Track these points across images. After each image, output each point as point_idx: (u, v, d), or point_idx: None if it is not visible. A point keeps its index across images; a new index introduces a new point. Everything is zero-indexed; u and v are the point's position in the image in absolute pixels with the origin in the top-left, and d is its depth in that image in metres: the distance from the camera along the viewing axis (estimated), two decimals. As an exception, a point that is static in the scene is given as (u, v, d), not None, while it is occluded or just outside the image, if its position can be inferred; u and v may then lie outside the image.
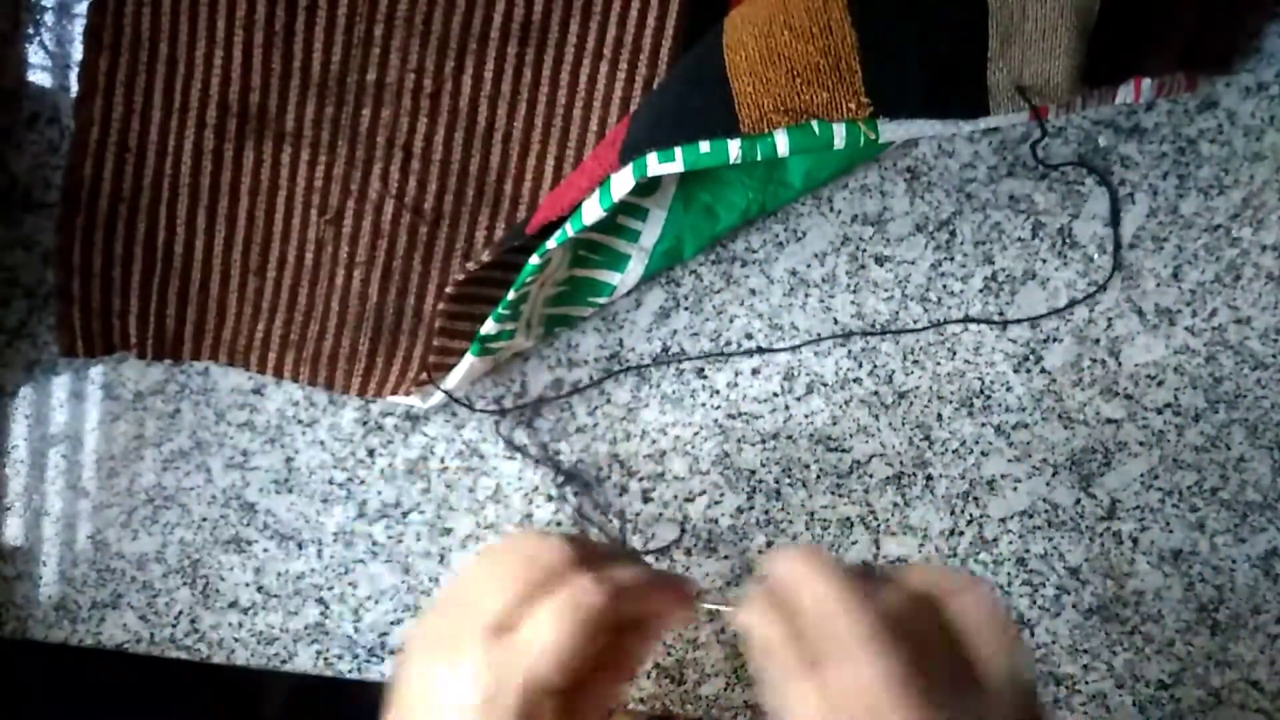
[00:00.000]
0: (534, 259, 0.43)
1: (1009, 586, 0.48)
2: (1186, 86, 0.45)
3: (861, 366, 0.48)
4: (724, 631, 0.49)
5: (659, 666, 0.50)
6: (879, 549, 0.49)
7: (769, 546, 0.49)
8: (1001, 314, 0.47)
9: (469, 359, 0.46)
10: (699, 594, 0.37)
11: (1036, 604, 0.48)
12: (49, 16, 0.48)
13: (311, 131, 0.48)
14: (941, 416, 0.48)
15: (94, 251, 0.48)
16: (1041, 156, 0.46)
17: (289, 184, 0.48)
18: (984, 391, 0.48)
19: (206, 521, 0.51)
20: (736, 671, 0.50)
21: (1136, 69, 0.42)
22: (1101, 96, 0.44)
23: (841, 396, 0.48)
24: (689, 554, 0.49)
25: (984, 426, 0.48)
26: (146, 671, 0.55)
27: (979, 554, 0.48)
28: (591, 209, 0.42)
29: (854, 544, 0.49)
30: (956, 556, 0.48)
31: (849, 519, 0.49)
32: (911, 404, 0.48)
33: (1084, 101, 0.44)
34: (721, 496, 0.49)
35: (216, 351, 0.49)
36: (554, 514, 0.49)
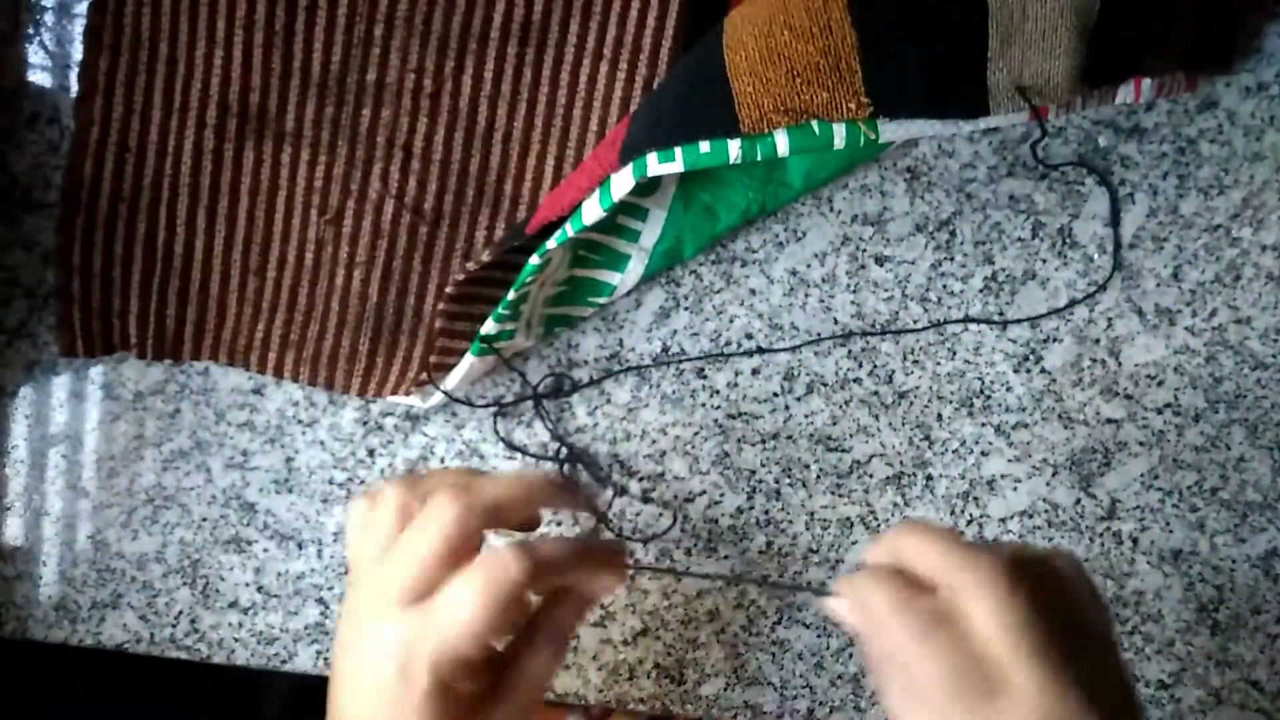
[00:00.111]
0: (534, 259, 0.43)
1: (1009, 586, 0.48)
2: (1186, 86, 0.45)
3: (861, 366, 0.48)
4: (724, 631, 0.49)
5: (659, 666, 0.50)
6: (879, 549, 0.49)
7: (769, 546, 0.49)
8: (1001, 314, 0.47)
9: (469, 359, 0.46)
10: (634, 561, 0.37)
11: (1036, 604, 0.48)
12: (49, 16, 0.48)
13: (311, 131, 0.48)
14: (941, 416, 0.48)
15: (94, 251, 0.48)
16: (1041, 156, 0.46)
17: (289, 184, 0.48)
18: (984, 391, 0.48)
19: (206, 521, 0.51)
20: (736, 671, 0.50)
21: (1136, 69, 0.42)
22: (1101, 96, 0.44)
23: (841, 396, 0.48)
24: (689, 554, 0.49)
25: (984, 426, 0.48)
26: (146, 671, 0.55)
27: (979, 554, 0.48)
28: (591, 209, 0.42)
29: (854, 544, 0.49)
30: (956, 556, 0.48)
31: (849, 519, 0.49)
32: (911, 404, 0.48)
33: (1084, 101, 0.44)
34: (721, 496, 0.49)
35: (216, 351, 0.49)
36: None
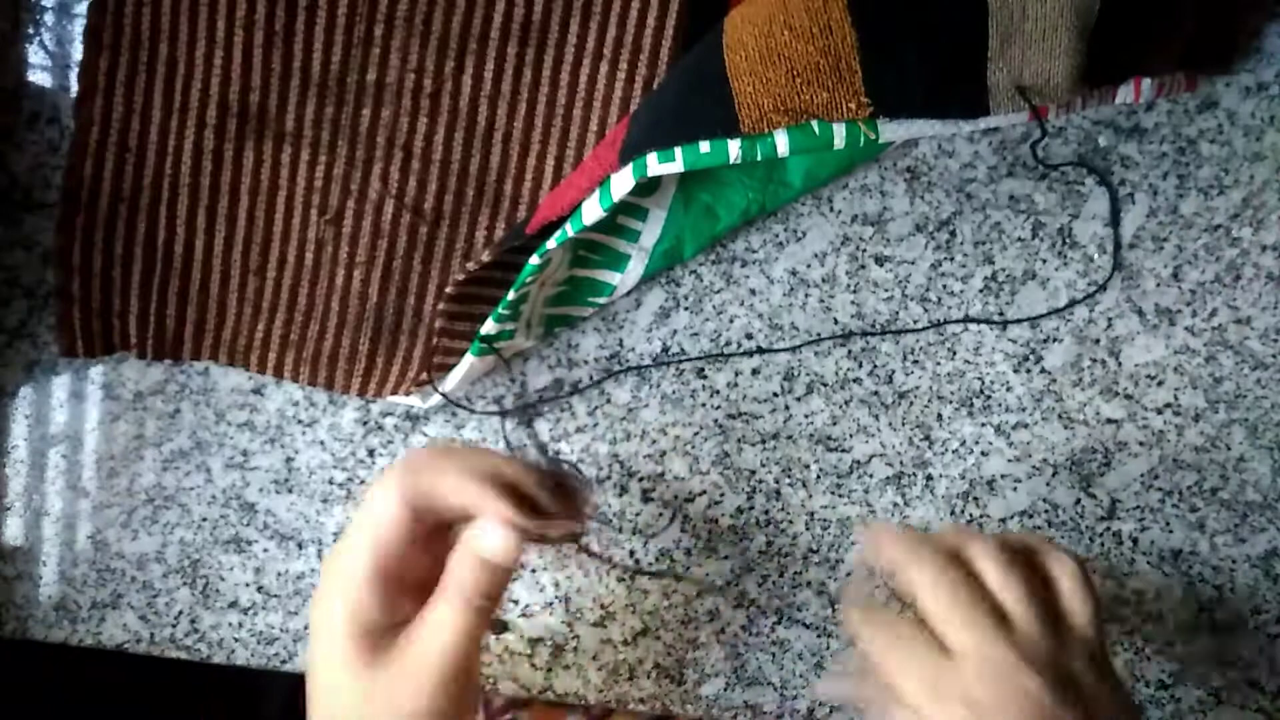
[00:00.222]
0: (534, 259, 0.43)
1: (1009, 586, 0.48)
2: (1186, 86, 0.45)
3: (861, 366, 0.48)
4: (724, 631, 0.49)
5: (659, 666, 0.50)
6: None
7: (769, 546, 0.49)
8: (1001, 314, 0.47)
9: (469, 359, 0.46)
10: (584, 539, 0.39)
11: (1036, 604, 0.48)
12: (49, 16, 0.48)
13: (311, 131, 0.48)
14: (941, 416, 0.48)
15: (94, 251, 0.48)
16: (1041, 156, 0.46)
17: (289, 184, 0.48)
18: (984, 391, 0.48)
19: (206, 521, 0.51)
20: (736, 671, 0.50)
21: (1136, 69, 0.42)
22: (1101, 96, 0.44)
23: (841, 396, 0.48)
24: (689, 554, 0.49)
25: (984, 426, 0.48)
26: (146, 671, 0.55)
27: (979, 554, 0.48)
28: (591, 209, 0.42)
29: (854, 544, 0.49)
30: (956, 556, 0.48)
31: (849, 519, 0.49)
32: (911, 404, 0.48)
33: (1084, 101, 0.44)
34: (721, 496, 0.49)
35: (216, 351, 0.49)
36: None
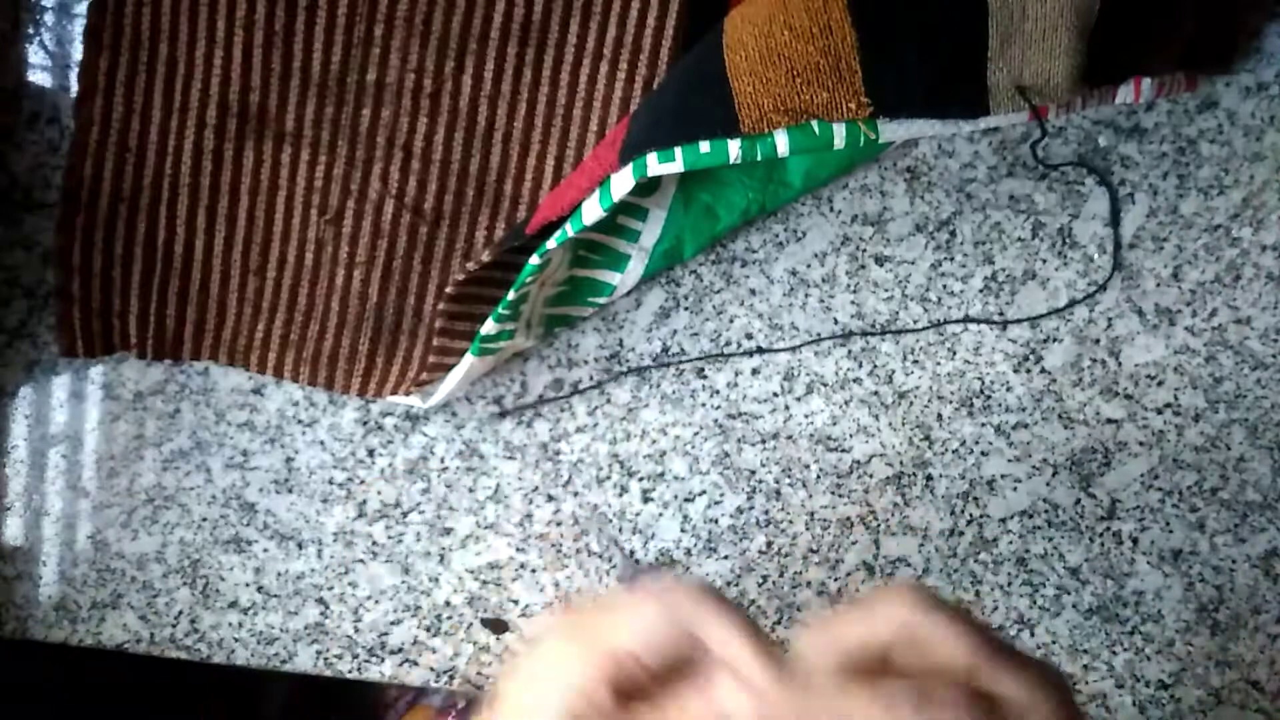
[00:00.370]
0: (534, 259, 0.43)
1: (1009, 586, 0.48)
2: (1186, 86, 0.45)
3: (861, 366, 0.48)
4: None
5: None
6: (879, 549, 0.49)
7: (769, 546, 0.49)
8: (1001, 314, 0.47)
9: (469, 359, 0.46)
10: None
11: (1036, 604, 0.48)
12: (49, 16, 0.48)
13: (311, 131, 0.48)
14: (941, 416, 0.48)
15: (94, 251, 0.48)
16: (1041, 156, 0.46)
17: (289, 184, 0.48)
18: (984, 391, 0.48)
19: (206, 521, 0.51)
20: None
21: (1136, 69, 0.42)
22: (1101, 96, 0.44)
23: (841, 396, 0.48)
24: (689, 554, 0.49)
25: (984, 426, 0.48)
26: (146, 671, 0.55)
27: (979, 554, 0.48)
28: (591, 209, 0.42)
29: (854, 544, 0.49)
30: (956, 556, 0.48)
31: (849, 519, 0.49)
32: (911, 404, 0.48)
33: (1084, 101, 0.44)
34: (721, 496, 0.49)
35: (216, 351, 0.49)
36: (554, 513, 0.50)
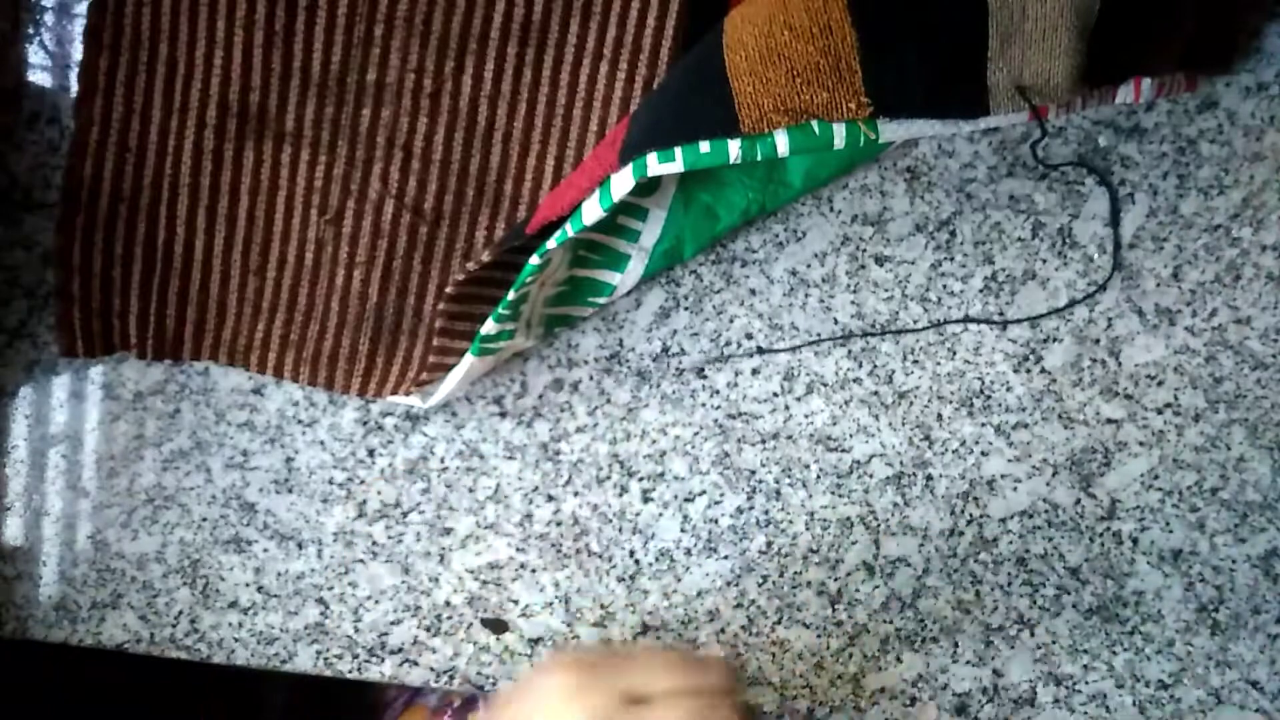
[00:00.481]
0: (534, 259, 0.43)
1: (1009, 586, 0.48)
2: (1186, 86, 0.45)
3: (861, 366, 0.48)
4: (723, 631, 0.49)
5: (659, 666, 0.50)
6: (879, 549, 0.49)
7: (769, 546, 0.49)
8: (1001, 314, 0.47)
9: (469, 359, 0.46)
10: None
11: (1036, 604, 0.48)
12: (49, 16, 0.48)
13: (311, 131, 0.48)
14: (941, 416, 0.48)
15: (94, 251, 0.48)
16: (1041, 156, 0.46)
17: (289, 184, 0.48)
18: (984, 391, 0.48)
19: (206, 521, 0.51)
20: (736, 671, 0.50)
21: (1136, 69, 0.42)
22: (1101, 96, 0.44)
23: (841, 396, 0.48)
24: (689, 554, 0.49)
25: (984, 426, 0.48)
26: (146, 671, 0.55)
27: (979, 554, 0.48)
28: (591, 209, 0.42)
29: (854, 544, 0.49)
30: (956, 556, 0.48)
31: (849, 519, 0.49)
32: (911, 404, 0.48)
33: (1084, 101, 0.44)
34: (721, 496, 0.49)
35: (216, 351, 0.49)
36: (554, 513, 0.49)
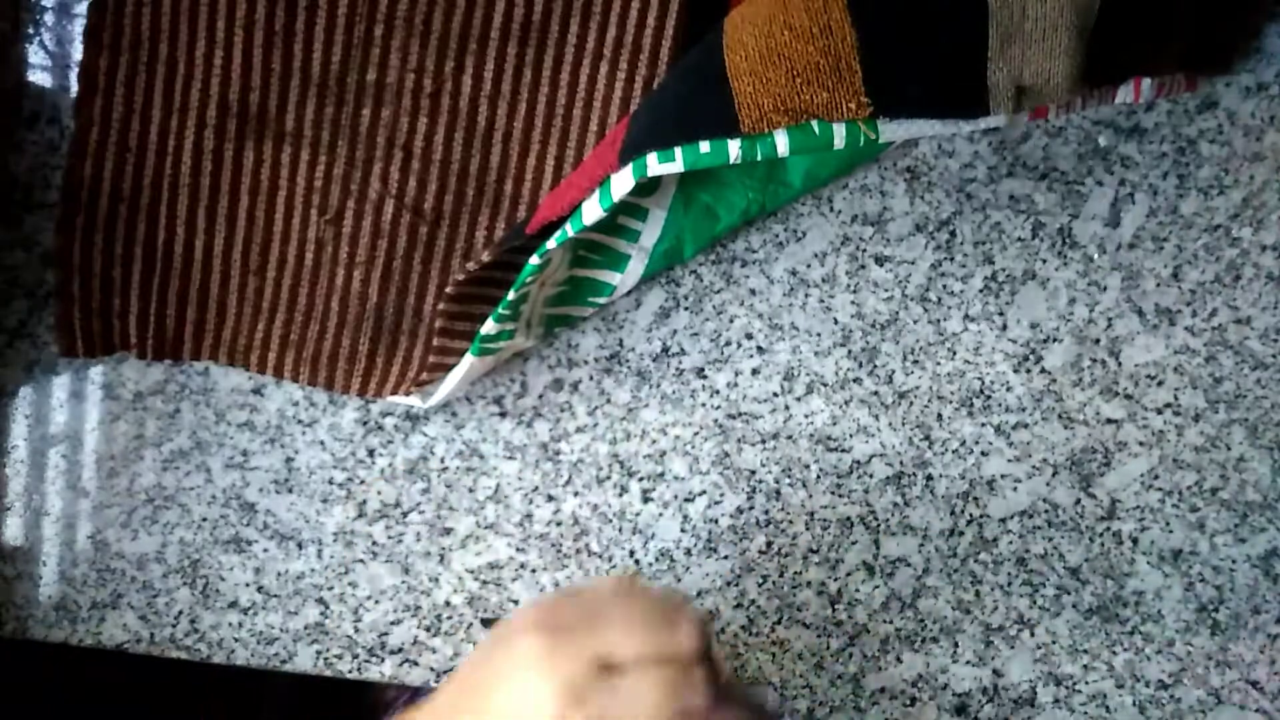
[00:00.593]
0: (534, 259, 0.43)
1: (1009, 586, 0.48)
2: (1186, 86, 0.45)
3: (861, 366, 0.48)
4: (724, 631, 0.49)
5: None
6: (879, 549, 0.49)
7: (769, 546, 0.49)
8: (1001, 314, 0.47)
9: (469, 359, 0.46)
10: None
11: (1036, 604, 0.48)
12: (49, 16, 0.48)
13: (311, 131, 0.48)
14: (941, 416, 0.48)
15: (94, 251, 0.48)
16: (1041, 156, 0.46)
17: (289, 184, 0.48)
18: (984, 391, 0.48)
19: (206, 521, 0.51)
20: (736, 671, 0.50)
21: (1136, 69, 0.42)
22: (1101, 96, 0.44)
23: (841, 396, 0.48)
24: (689, 554, 0.49)
25: (984, 426, 0.48)
26: (146, 671, 0.55)
27: (979, 554, 0.48)
28: (591, 209, 0.42)
29: (854, 544, 0.49)
30: (956, 556, 0.48)
31: (849, 519, 0.49)
32: (911, 404, 0.48)
33: (1084, 101, 0.44)
34: (721, 496, 0.49)
35: (216, 351, 0.49)
36: (554, 513, 0.49)
